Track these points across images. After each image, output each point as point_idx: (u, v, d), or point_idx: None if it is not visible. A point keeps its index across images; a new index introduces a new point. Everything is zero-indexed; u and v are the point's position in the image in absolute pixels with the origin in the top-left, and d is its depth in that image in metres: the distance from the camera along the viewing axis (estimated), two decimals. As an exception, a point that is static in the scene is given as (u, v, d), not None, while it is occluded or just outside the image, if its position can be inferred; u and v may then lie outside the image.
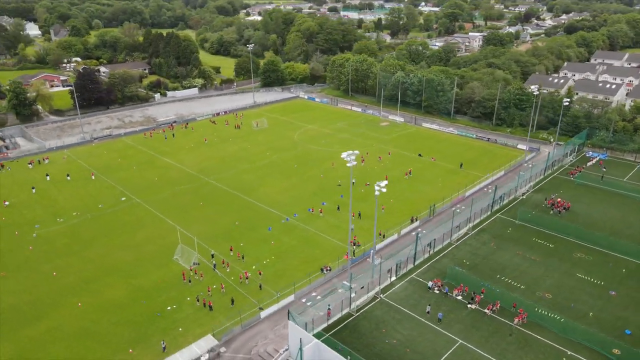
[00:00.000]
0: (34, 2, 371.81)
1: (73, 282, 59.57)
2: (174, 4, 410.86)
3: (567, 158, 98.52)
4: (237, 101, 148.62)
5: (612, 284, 57.78)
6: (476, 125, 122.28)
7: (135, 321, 52.74)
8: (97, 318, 53.24)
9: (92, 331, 51.25)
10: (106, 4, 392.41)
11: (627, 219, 73.70)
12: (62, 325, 52.11)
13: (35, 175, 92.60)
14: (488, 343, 48.30)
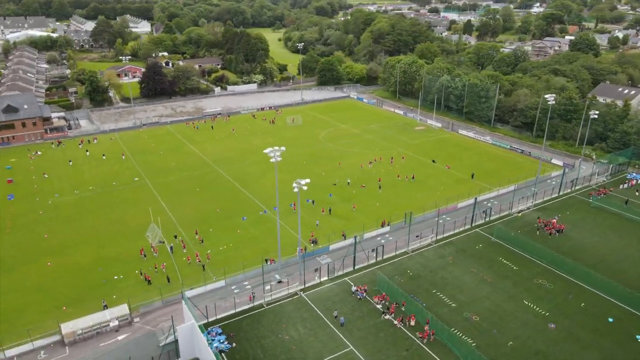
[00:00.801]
0: (154, 2, 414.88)
1: (55, 244, 68.40)
2: (279, 5, 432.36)
3: (599, 177, 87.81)
4: (287, 98, 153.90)
5: (558, 316, 51.78)
6: (515, 136, 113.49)
7: (84, 285, 59.37)
8: (56, 277, 60.89)
9: (46, 287, 58.87)
10: (215, 4, 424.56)
11: (627, 251, 64.55)
12: (26, 278, 60.55)
13: (80, 153, 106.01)
14: (379, 353, 46.70)
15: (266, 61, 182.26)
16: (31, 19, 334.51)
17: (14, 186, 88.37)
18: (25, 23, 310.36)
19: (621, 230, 69.61)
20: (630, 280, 57.50)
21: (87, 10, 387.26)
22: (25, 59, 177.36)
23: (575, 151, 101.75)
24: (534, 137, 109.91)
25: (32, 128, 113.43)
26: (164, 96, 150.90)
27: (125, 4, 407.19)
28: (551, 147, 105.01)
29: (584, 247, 65.42)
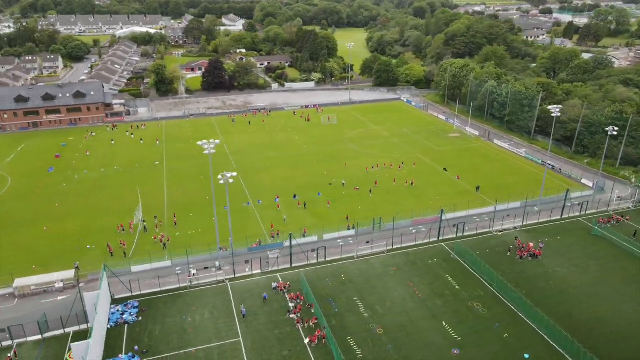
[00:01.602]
0: (257, 2, 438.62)
1: (59, 213, 78.29)
2: (381, 5, 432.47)
3: (623, 202, 76.82)
4: (337, 97, 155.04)
5: (470, 343, 47.58)
6: (553, 150, 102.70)
7: (61, 249, 67.36)
8: (44, 240, 69.88)
9: (33, 248, 67.81)
10: (314, 4, 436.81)
11: (595, 288, 56.44)
12: (22, 238, 70.34)
13: (125, 136, 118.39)
14: (261, 349, 47.21)
15: (329, 60, 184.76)
16: (150, 16, 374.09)
17: (59, 161, 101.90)
18: (140, 21, 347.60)
19: (608, 264, 60.87)
20: (576, 321, 50.64)
21: (199, 9, 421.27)
22: (119, 52, 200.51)
23: (614, 172, 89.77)
24: (572, 153, 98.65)
25: (95, 112, 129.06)
26: (223, 90, 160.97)
27: (231, 3, 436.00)
28: (588, 166, 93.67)
29: (551, 276, 58.49)
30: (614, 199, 77.78)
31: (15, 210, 79.42)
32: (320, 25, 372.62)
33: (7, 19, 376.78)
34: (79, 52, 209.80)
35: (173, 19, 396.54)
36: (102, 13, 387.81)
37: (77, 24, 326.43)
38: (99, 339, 45.84)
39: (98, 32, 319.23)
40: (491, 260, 61.97)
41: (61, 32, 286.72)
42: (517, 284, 56.88)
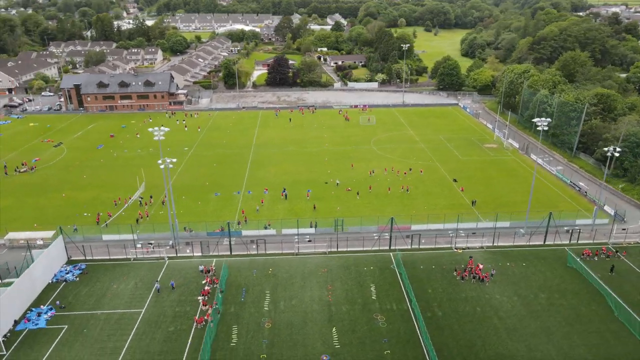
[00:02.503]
0: (364, 2, 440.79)
1: (83, 184, 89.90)
2: (500, 6, 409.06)
3: (630, 236, 65.92)
4: (392, 99, 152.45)
5: (346, 353, 46.05)
6: (590, 170, 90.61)
7: (65, 214, 77.85)
8: (57, 205, 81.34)
9: (45, 209, 79.38)
10: (422, 4, 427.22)
11: (525, 324, 50.02)
12: (42, 201, 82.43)
13: (177, 123, 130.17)
14: (154, 322, 50.63)
15: (399, 61, 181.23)
16: (260, 15, 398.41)
17: (111, 140, 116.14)
18: (250, 19, 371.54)
19: (559, 300, 53.45)
20: (475, 352, 46.06)
21: (308, 9, 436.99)
22: (209, 47, 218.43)
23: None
24: (609, 176, 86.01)
25: (160, 100, 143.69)
26: (286, 86, 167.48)
27: (340, 3, 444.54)
28: (622, 192, 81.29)
29: (483, 303, 53.26)
30: (629, 230, 66.95)
31: (52, 177, 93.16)
32: (425, 27, 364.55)
33: (144, 15, 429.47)
34: (179, 47, 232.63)
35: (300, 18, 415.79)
36: (221, 12, 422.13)
37: (194, 21, 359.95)
38: (18, 290, 52.65)
39: (210, 29, 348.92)
40: (431, 276, 58.34)
41: (179, 29, 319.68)
42: (440, 304, 53.09)
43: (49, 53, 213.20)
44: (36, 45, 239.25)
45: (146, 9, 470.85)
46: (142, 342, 48.05)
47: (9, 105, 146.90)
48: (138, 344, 47.79)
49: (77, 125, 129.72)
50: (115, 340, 48.18)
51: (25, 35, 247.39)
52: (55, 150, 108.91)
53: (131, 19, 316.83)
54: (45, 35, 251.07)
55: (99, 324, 50.72)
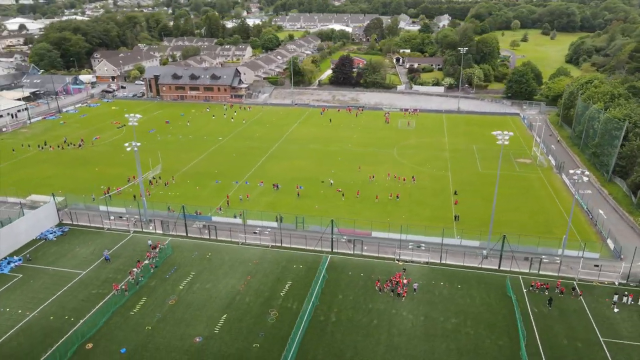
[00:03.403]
0: (477, 2, 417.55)
1: (117, 161, 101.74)
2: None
3: (609, 273, 56.78)
4: (448, 104, 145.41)
5: (219, 339, 47.97)
6: (619, 199, 78.32)
7: (89, 186, 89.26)
8: (86, 177, 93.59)
9: (76, 179, 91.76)
10: (543, 4, 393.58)
11: (411, 344, 46.72)
12: (77, 172, 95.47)
13: (230, 115, 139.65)
14: (85, 284, 57.54)
15: (473, 66, 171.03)
16: (368, 15, 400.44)
17: (165, 126, 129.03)
18: (355, 20, 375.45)
19: (466, 329, 48.85)
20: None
21: (418, 9, 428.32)
22: (294, 45, 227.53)
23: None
24: (635, 206, 73.65)
25: (223, 92, 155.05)
26: (349, 86, 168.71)
27: (453, 3, 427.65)
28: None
29: (381, 316, 50.81)
30: (616, 269, 57.76)
31: (98, 154, 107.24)
32: (542, 29, 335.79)
33: (261, 15, 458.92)
34: (269, 44, 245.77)
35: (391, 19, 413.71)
36: (332, 12, 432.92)
37: (300, 20, 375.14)
38: (4, 238, 63.48)
39: (313, 28, 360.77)
40: (352, 283, 57.13)
41: (285, 28, 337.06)
42: (340, 311, 52.13)
43: (158, 47, 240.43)
44: (154, 40, 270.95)
45: (265, 9, 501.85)
46: (65, 298, 55.13)
47: (105, 91, 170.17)
48: (61, 299, 54.95)
49: (147, 110, 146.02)
50: (46, 294, 55.89)
51: (147, 31, 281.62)
52: (116, 131, 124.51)
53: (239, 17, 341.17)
54: (163, 32, 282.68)
55: (44, 278, 59.11)
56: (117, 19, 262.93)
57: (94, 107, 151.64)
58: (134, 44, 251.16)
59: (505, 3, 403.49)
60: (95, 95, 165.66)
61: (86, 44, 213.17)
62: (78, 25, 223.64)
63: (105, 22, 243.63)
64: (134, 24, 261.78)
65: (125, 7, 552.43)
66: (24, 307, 53.64)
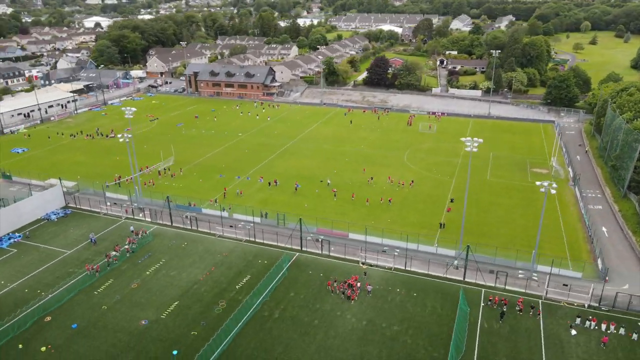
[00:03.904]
0: (544, 2, 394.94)
1: (139, 151, 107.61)
2: None
3: (581, 295, 52.75)
4: (479, 108, 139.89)
5: (166, 323, 50.26)
6: (628, 217, 71.95)
7: (105, 173, 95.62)
8: (108, 164, 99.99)
9: (96, 167, 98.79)
10: (620, 4, 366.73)
11: (333, 343, 46.20)
12: (100, 161, 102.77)
13: (255, 111, 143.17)
14: (65, 263, 62.20)
15: (515, 69, 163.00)
16: (427, 16, 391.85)
17: (194, 120, 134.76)
18: (410, 20, 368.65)
19: (410, 337, 47.61)
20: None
21: (481, 9, 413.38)
22: (337, 45, 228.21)
23: (665, 265, 59.01)
24: (644, 226, 67.46)
25: (256, 90, 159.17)
26: (382, 87, 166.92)
27: (517, 3, 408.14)
28: (643, 247, 63.75)
29: (326, 317, 50.72)
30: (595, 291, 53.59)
31: (123, 144, 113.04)
32: (616, 31, 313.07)
33: (320, 15, 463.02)
34: (316, 44, 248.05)
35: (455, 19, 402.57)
36: (391, 12, 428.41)
37: (355, 20, 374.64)
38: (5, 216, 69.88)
39: (369, 28, 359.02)
40: (309, 282, 57.39)
41: (339, 28, 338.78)
42: (286, 308, 52.67)
43: (210, 45, 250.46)
44: (209, 39, 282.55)
45: (325, 9, 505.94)
46: (43, 274, 59.98)
47: (151, 86, 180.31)
48: (40, 274, 59.83)
49: (183, 105, 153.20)
50: (30, 269, 61.06)
51: (204, 30, 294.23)
52: (148, 124, 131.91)
53: (295, 17, 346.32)
54: (219, 31, 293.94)
55: (34, 254, 64.54)
56: (176, 19, 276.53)
57: (137, 101, 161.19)
58: (189, 42, 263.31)
59: (576, 3, 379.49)
60: (141, 90, 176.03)
61: (143, 41, 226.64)
62: (137, 24, 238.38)
63: (164, 21, 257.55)
64: (191, 23, 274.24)
65: (196, 7, 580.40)
66: (7, 278, 59.00)
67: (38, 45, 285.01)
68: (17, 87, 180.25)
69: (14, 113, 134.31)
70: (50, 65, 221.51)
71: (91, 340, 48.44)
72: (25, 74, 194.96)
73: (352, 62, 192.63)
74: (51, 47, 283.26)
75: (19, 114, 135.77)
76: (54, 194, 78.06)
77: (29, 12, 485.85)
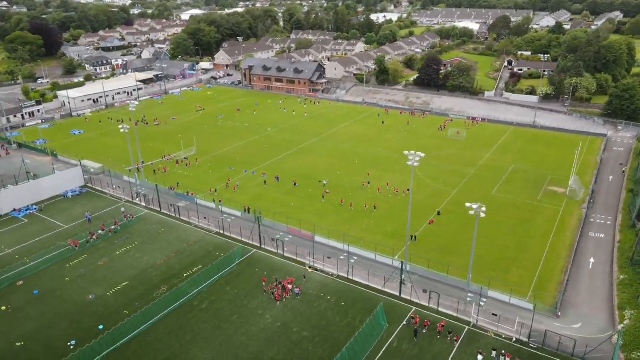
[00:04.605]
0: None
1: (174, 139, 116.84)
2: None
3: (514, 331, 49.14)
4: (524, 117, 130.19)
5: (102, 300, 55.96)
6: (625, 251, 64.12)
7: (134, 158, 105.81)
8: (141, 149, 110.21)
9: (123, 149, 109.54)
10: None
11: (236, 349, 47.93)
12: (135, 146, 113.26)
13: (295, 107, 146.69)
14: (56, 237, 70.84)
15: (583, 75, 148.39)
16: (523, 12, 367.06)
17: (235, 113, 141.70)
18: (492, 15, 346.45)
19: (313, 344, 48.07)
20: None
21: (584, 5, 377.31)
22: (402, 42, 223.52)
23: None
24: (631, 261, 59.90)
25: (303, 86, 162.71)
26: (432, 87, 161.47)
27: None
28: (620, 286, 56.99)
29: (246, 313, 52.91)
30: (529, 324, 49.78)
31: (162, 131, 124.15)
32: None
33: (407, 10, 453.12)
34: (384, 40, 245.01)
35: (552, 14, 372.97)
36: (482, 7, 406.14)
37: (437, 16, 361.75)
38: (22, 190, 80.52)
39: (451, 24, 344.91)
40: (250, 279, 59.87)
41: (421, 24, 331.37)
42: (215, 301, 55.71)
43: (281, 39, 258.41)
44: (284, 33, 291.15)
45: (415, 3, 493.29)
46: (36, 244, 68.84)
47: (213, 77, 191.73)
48: (33, 244, 68.75)
49: (233, 97, 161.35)
50: (29, 238, 70.42)
51: (282, 24, 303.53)
52: (194, 114, 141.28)
53: (381, 11, 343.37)
54: (295, 25, 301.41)
55: (39, 226, 74.15)
56: (254, 13, 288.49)
57: (195, 91, 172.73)
58: (263, 35, 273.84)
59: None
60: (203, 81, 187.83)
61: (217, 35, 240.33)
62: (215, 18, 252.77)
63: (240, 16, 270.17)
64: (267, 17, 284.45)
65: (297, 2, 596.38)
66: (8, 244, 68.81)
67: (135, 36, 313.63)
68: (102, 74, 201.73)
69: (85, 98, 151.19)
70: (137, 55, 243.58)
71: (43, 306, 55.43)
72: (112, 62, 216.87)
73: (410, 61, 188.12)
74: (145, 39, 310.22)
75: (89, 100, 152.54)
76: (75, 173, 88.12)
77: (142, 5, 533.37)
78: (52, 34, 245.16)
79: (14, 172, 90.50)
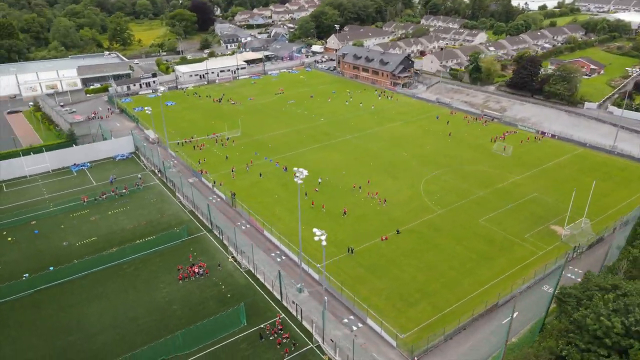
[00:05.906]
0: None
1: (233, 119, 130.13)
2: None
3: None
4: (609, 139, 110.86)
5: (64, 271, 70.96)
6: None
7: (194, 131, 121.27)
8: (202, 125, 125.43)
9: (193, 125, 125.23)
10: None
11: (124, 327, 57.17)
12: (201, 123, 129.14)
13: (362, 100, 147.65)
14: (73, 191, 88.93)
15: None
16: None
17: (305, 99, 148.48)
18: None
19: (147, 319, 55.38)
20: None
21: None
22: (528, 36, 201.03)
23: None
24: None
25: (385, 78, 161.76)
26: (526, 92, 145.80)
27: None
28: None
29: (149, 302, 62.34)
30: None
31: (233, 110, 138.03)
32: None
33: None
34: (513, 31, 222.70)
35: None
36: None
37: (610, 2, 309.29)
38: (82, 149, 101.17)
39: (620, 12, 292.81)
40: (181, 254, 68.75)
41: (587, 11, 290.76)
42: (134, 270, 66.14)
43: (406, 25, 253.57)
44: (415, 18, 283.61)
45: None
46: (64, 193, 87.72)
47: (316, 61, 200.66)
48: (64, 193, 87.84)
49: (319, 83, 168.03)
50: (64, 188, 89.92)
51: (419, 8, 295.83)
52: (272, 97, 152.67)
53: None
54: (430, 9, 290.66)
55: (77, 180, 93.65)
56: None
57: (292, 73, 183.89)
58: (392, 19, 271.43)
59: None
60: (305, 64, 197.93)
61: (340, 18, 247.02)
62: (342, 1, 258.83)
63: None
64: (399, 0, 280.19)
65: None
66: (49, 190, 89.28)
67: (281, 15, 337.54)
68: (228, 51, 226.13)
69: (192, 74, 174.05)
70: (269, 33, 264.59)
71: (31, 244, 72.65)
72: (241, 40, 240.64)
73: (521, 59, 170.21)
74: (288, 17, 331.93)
75: (196, 75, 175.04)
76: (128, 140, 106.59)
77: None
78: (207, 12, 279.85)
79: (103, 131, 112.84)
